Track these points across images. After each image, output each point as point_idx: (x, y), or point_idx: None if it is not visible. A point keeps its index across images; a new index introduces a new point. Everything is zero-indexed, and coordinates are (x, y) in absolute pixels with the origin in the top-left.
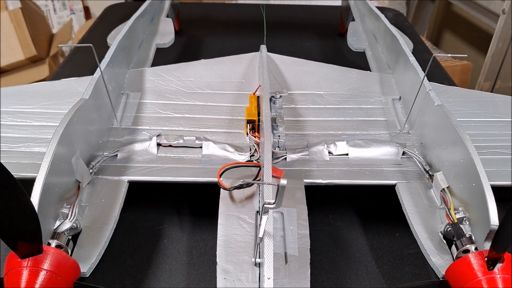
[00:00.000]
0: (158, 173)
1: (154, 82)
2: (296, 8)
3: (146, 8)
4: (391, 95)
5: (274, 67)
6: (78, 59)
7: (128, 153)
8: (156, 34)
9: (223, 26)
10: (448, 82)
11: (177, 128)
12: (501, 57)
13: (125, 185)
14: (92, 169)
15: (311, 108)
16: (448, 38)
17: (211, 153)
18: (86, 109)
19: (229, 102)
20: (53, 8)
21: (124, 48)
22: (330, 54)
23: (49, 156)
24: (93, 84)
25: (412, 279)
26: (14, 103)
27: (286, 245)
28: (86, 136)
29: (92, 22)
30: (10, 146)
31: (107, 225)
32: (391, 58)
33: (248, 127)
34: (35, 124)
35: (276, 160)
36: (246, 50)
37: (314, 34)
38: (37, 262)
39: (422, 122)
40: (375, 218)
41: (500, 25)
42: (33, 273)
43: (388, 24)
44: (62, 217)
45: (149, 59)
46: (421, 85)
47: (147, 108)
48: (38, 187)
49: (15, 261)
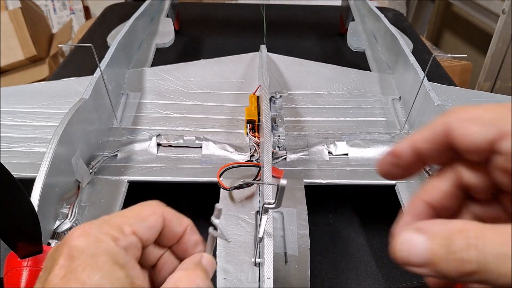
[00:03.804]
0: (158, 173)
1: (154, 82)
2: (296, 8)
3: (146, 8)
4: (391, 95)
5: (274, 67)
6: (78, 59)
7: (128, 153)
8: (156, 34)
9: (223, 26)
10: (448, 82)
11: (177, 128)
12: (501, 57)
13: (125, 185)
14: (92, 169)
15: (311, 108)
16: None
17: (211, 153)
18: (86, 109)
19: (229, 102)
20: (53, 8)
21: (124, 48)
22: (330, 54)
23: (49, 156)
24: (93, 84)
25: (412, 279)
26: (14, 103)
27: (286, 245)
28: (86, 136)
29: (92, 22)
30: (10, 146)
31: None
32: (391, 58)
33: (248, 127)
34: (35, 124)
35: (276, 160)
36: (246, 50)
37: (314, 34)
38: (37, 262)
39: (422, 122)
40: (375, 218)
41: (500, 25)
42: (33, 273)
43: (388, 24)
44: (62, 217)
45: (149, 59)
46: (421, 85)
47: (147, 108)
48: (38, 187)
49: (15, 261)
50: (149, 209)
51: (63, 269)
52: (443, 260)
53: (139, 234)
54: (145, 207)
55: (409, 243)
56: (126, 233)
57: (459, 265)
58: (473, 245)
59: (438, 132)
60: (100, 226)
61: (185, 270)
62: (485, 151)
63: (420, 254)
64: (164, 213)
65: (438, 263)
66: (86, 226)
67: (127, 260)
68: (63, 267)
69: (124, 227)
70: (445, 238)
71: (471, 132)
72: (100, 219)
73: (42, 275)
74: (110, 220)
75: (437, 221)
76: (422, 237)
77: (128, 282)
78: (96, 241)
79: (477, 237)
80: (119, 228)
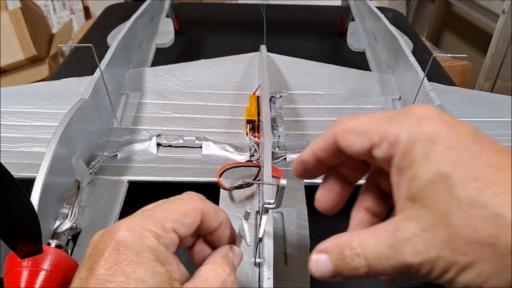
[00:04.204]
0: (158, 173)
1: (154, 82)
2: (296, 8)
3: (146, 8)
4: (391, 95)
5: (274, 67)
6: (78, 59)
7: (128, 153)
8: (156, 34)
9: (223, 26)
10: (448, 82)
11: (177, 128)
12: (501, 57)
13: (125, 185)
14: (92, 169)
15: (311, 108)
16: (448, 38)
17: (211, 153)
18: (86, 109)
19: (229, 102)
20: (53, 8)
21: (124, 48)
22: (330, 54)
23: (49, 156)
24: (93, 84)
25: (412, 279)
26: (14, 103)
27: (286, 245)
28: (86, 136)
29: (92, 22)
30: (10, 146)
31: (107, 225)
32: (391, 58)
33: (248, 127)
34: (35, 124)
35: (276, 160)
36: (246, 50)
37: (314, 34)
38: (37, 262)
39: None
40: None
41: (500, 25)
42: (33, 273)
43: (388, 24)
44: (62, 217)
45: (149, 59)
46: (421, 85)
47: (147, 108)
48: (38, 187)
49: (15, 261)
50: (189, 205)
51: (109, 261)
52: (344, 270)
53: (178, 231)
54: (186, 202)
55: (317, 263)
56: (167, 230)
57: (355, 271)
58: (358, 254)
59: (329, 142)
60: (143, 222)
61: (213, 264)
62: (366, 156)
63: (327, 269)
64: (203, 209)
65: (342, 272)
66: (131, 221)
67: (167, 256)
68: (109, 259)
69: (165, 224)
70: (339, 253)
71: (352, 143)
72: (143, 214)
73: (86, 263)
74: (153, 216)
75: (332, 238)
76: (324, 256)
77: (167, 276)
78: (141, 237)
79: (360, 245)
80: (161, 226)
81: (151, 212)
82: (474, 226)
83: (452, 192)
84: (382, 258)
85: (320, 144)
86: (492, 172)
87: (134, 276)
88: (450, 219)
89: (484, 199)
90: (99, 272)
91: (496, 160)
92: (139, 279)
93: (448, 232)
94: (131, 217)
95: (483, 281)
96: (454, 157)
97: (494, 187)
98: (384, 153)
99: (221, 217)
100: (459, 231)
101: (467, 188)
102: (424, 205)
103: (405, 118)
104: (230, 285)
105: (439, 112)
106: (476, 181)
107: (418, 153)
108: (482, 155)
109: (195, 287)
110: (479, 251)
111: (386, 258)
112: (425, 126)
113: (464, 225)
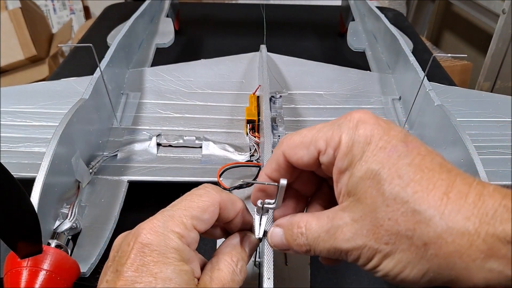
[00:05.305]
0: (158, 173)
1: (154, 82)
2: (296, 8)
3: (146, 8)
4: (391, 95)
5: (274, 67)
6: (78, 59)
7: (128, 153)
8: (156, 34)
9: (223, 26)
10: (448, 82)
11: (177, 128)
12: (501, 57)
13: (125, 185)
14: (92, 169)
15: (311, 108)
16: (448, 38)
17: (211, 153)
18: (86, 109)
19: (229, 102)
20: (53, 8)
21: (124, 48)
22: (330, 54)
23: (49, 156)
24: (93, 84)
25: None
26: (14, 103)
27: None
28: (86, 136)
29: (92, 22)
30: (10, 146)
31: (107, 225)
32: (391, 58)
33: (248, 127)
34: (35, 124)
35: None
36: (246, 50)
37: (314, 34)
38: (37, 262)
39: (422, 122)
40: None
41: (500, 25)
42: (33, 273)
43: (388, 24)
44: (62, 217)
45: (149, 59)
46: (421, 85)
47: (147, 108)
48: (38, 187)
49: (14, 261)
50: (207, 200)
51: (136, 262)
52: (292, 245)
53: (198, 228)
54: (203, 197)
55: (272, 235)
56: (189, 229)
57: (299, 247)
58: (302, 233)
59: (279, 161)
60: (165, 223)
61: (223, 254)
62: (315, 165)
63: (280, 242)
64: (221, 202)
65: (291, 247)
66: (153, 223)
67: (190, 255)
68: (136, 261)
69: (186, 223)
70: (289, 230)
71: (300, 155)
72: (164, 215)
73: (111, 265)
74: (174, 216)
75: (289, 216)
76: (279, 229)
77: (191, 274)
78: (165, 239)
79: (305, 226)
80: (183, 225)
81: (171, 212)
82: (396, 220)
83: (379, 188)
84: (319, 240)
85: (272, 165)
86: (414, 171)
87: (161, 275)
88: (377, 212)
89: (405, 196)
90: (126, 274)
91: (420, 161)
92: (166, 278)
93: (374, 224)
94: (152, 219)
95: (401, 269)
96: (383, 157)
97: (415, 185)
98: (330, 158)
99: (238, 207)
100: (383, 223)
101: (391, 184)
102: (356, 199)
103: (344, 123)
104: (238, 273)
105: (375, 116)
106: (400, 178)
107: (355, 153)
108: (408, 156)
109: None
110: (398, 242)
111: (323, 241)
112: (361, 129)
113: (387, 218)
